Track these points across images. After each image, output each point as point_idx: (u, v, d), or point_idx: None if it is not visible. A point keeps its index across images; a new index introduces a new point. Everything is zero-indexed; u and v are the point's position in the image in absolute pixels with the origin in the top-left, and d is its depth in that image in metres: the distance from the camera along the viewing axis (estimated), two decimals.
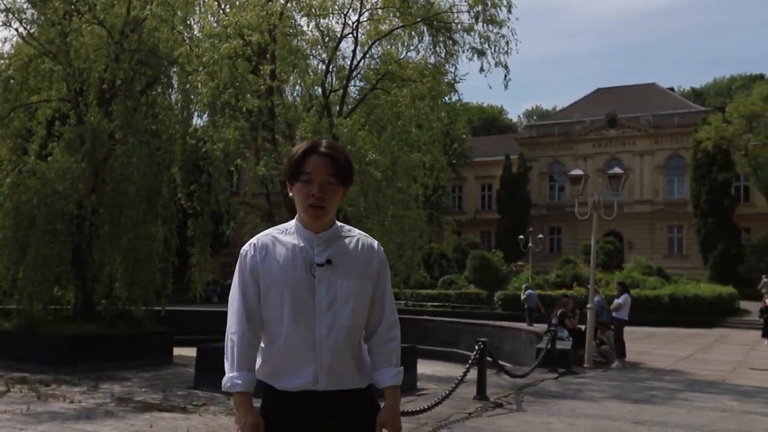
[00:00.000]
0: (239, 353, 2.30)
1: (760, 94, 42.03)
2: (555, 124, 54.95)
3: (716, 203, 42.33)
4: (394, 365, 2.38)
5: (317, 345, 2.24)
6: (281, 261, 2.29)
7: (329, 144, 2.40)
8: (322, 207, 2.29)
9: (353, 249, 2.36)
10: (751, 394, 10.18)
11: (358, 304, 2.30)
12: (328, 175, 2.29)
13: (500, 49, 14.65)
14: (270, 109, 13.97)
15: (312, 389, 2.25)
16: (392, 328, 2.40)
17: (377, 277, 2.37)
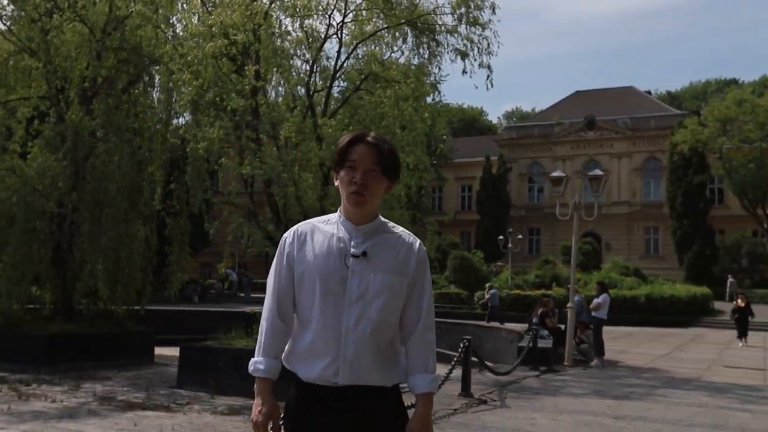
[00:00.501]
0: (266, 339, 2.35)
1: (734, 98, 42.79)
2: (534, 126, 55.47)
3: (691, 205, 43.03)
4: (430, 371, 2.32)
5: (342, 336, 2.22)
6: (317, 249, 2.29)
7: (376, 135, 2.41)
8: (363, 194, 2.28)
9: (392, 244, 2.33)
10: (725, 391, 10.45)
11: (390, 300, 2.26)
12: (372, 163, 2.29)
13: (483, 50, 14.83)
14: (254, 108, 14.01)
15: (332, 383, 2.22)
16: (429, 331, 2.35)
17: (415, 276, 2.32)
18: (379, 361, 2.26)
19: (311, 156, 13.83)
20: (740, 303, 20.24)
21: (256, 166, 13.88)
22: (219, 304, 33.72)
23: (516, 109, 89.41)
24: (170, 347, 18.61)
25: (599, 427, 7.03)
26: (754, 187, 40.92)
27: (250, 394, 9.66)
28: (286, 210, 14.54)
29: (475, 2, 14.90)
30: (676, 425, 7.15)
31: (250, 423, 8.32)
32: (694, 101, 74.69)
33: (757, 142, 39.49)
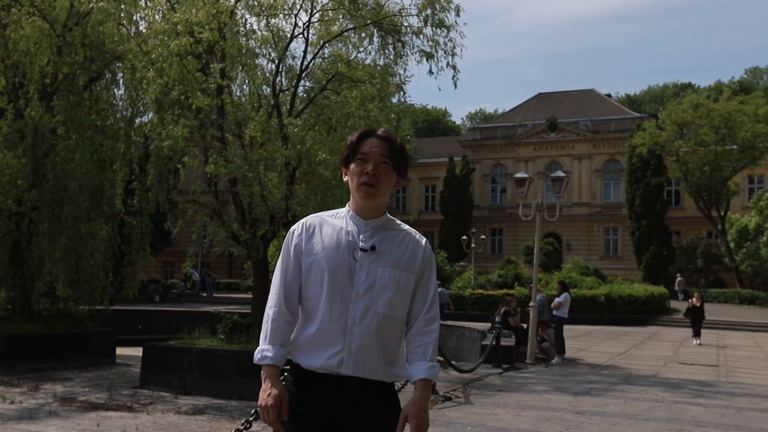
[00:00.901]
0: (273, 328, 2.34)
1: (690, 102, 43.78)
2: (497, 128, 56.05)
3: (649, 206, 43.95)
4: (429, 359, 2.33)
5: (348, 328, 2.25)
6: (326, 241, 2.31)
7: (386, 129, 2.43)
8: (375, 186, 2.30)
9: (400, 241, 2.35)
10: (681, 386, 10.77)
11: (396, 295, 2.29)
12: (383, 155, 2.31)
13: (449, 51, 15.01)
14: (219, 107, 13.96)
15: (336, 372, 2.25)
16: (431, 322, 2.36)
17: (420, 272, 2.35)
18: (383, 355, 2.28)
19: (277, 155, 13.82)
20: (695, 302, 20.34)
21: (221, 165, 13.83)
22: (181, 304, 33.37)
23: (479, 111, 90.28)
24: (132, 347, 18.44)
25: (560, 422, 7.21)
26: (708, 190, 41.93)
27: (215, 393, 9.76)
28: (251, 209, 14.51)
29: (441, 4, 15.07)
30: (633, 419, 7.37)
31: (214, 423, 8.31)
32: (653, 105, 76.36)
33: (712, 145, 40.49)
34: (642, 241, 43.88)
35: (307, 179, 14.79)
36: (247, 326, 14.15)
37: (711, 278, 43.67)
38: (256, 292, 15.03)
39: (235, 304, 33.23)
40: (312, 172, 14.61)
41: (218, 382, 12.65)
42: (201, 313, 22.74)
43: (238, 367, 12.77)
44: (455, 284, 31.90)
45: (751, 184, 47.50)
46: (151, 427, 9.58)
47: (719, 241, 43.13)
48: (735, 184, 43.22)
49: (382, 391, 2.30)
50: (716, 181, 41.53)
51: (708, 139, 40.47)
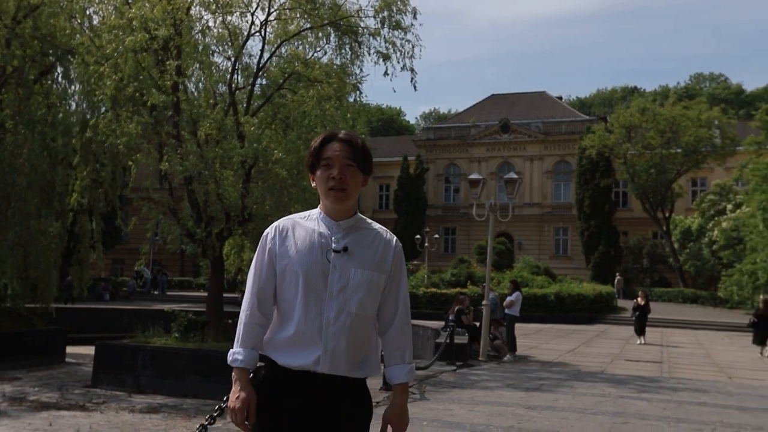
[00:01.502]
0: (245, 331, 2.38)
1: (637, 106, 44.94)
2: (451, 128, 56.60)
3: (598, 207, 45.01)
4: (407, 362, 2.40)
5: (324, 328, 2.29)
6: (299, 244, 2.35)
7: (347, 132, 2.48)
8: (344, 189, 2.35)
9: (371, 241, 2.40)
10: (626, 382, 11.18)
11: (368, 295, 2.34)
12: (347, 158, 2.36)
13: (406, 53, 15.17)
14: (175, 104, 13.85)
15: (312, 370, 2.29)
16: (406, 324, 2.43)
17: (392, 271, 2.41)
18: (357, 353, 2.33)
19: (233, 154, 13.78)
20: (640, 301, 20.51)
21: (177, 163, 13.73)
22: (132, 302, 32.84)
23: (433, 111, 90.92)
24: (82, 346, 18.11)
25: (512, 417, 7.45)
26: (654, 192, 43.14)
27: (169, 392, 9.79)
28: (206, 207, 14.45)
29: (398, 6, 15.22)
30: (581, 413, 7.66)
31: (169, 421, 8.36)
32: (602, 108, 78.11)
33: (658, 148, 41.66)
34: (591, 241, 44.90)
35: (263, 178, 14.78)
36: (202, 324, 14.10)
37: (656, 278, 44.95)
38: (211, 290, 14.96)
39: (187, 302, 32.84)
40: (268, 171, 14.61)
41: (173, 381, 12.57)
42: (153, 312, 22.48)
43: (193, 366, 12.71)
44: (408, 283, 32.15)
45: (695, 187, 49.06)
46: (105, 426, 9.51)
47: (664, 242, 44.41)
48: (679, 186, 44.58)
49: (354, 386, 2.34)
50: (661, 184, 42.75)
51: (654, 142, 41.63)
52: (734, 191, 38.56)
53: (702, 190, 47.07)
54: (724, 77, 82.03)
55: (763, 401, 9.80)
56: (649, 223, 46.01)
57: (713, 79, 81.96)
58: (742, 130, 40.17)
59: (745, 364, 16.07)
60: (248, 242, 15.65)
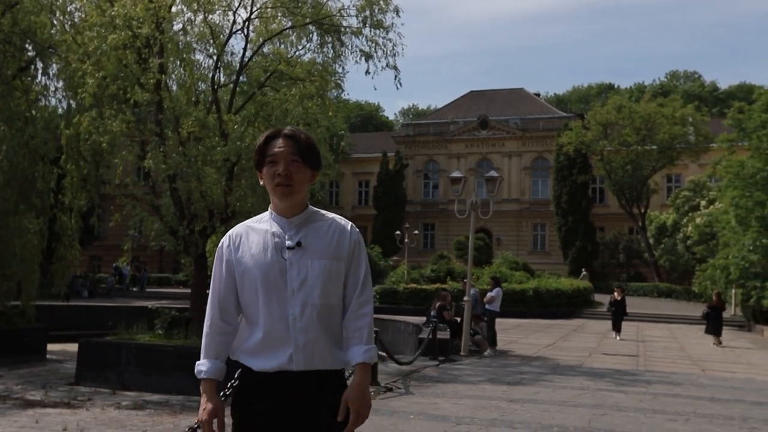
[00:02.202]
0: (207, 342, 2.41)
1: (614, 104, 45.52)
2: (430, 124, 56.89)
3: (575, 203, 45.57)
4: (365, 342, 2.39)
5: (291, 326, 2.29)
6: (253, 247, 2.36)
7: (291, 128, 2.47)
8: (290, 185, 2.35)
9: (325, 231, 2.39)
10: (604, 376, 11.47)
11: (329, 284, 2.33)
12: (291, 154, 2.35)
13: (388, 52, 15.32)
14: (158, 102, 13.89)
15: (288, 369, 2.29)
16: (364, 305, 2.41)
17: (350, 257, 2.40)
18: (329, 343, 2.34)
19: (216, 152, 13.85)
20: (617, 296, 20.37)
21: (160, 161, 13.78)
22: (110, 299, 32.66)
23: (412, 107, 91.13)
24: (62, 343, 18.05)
25: (496, 410, 7.68)
26: (630, 188, 43.79)
27: (154, 388, 9.94)
28: (189, 205, 14.51)
29: (380, 5, 15.36)
30: (562, 406, 7.91)
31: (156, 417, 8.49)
32: (579, 104, 78.88)
33: (634, 145, 42.29)
34: (568, 236, 45.44)
35: (246, 176, 14.87)
36: (186, 321, 14.17)
37: (632, 272, 45.63)
38: (194, 287, 15.02)
39: (167, 299, 32.75)
40: (251, 168, 14.70)
41: (157, 378, 12.62)
42: (134, 309, 22.40)
43: (177, 362, 12.77)
44: (389, 279, 32.36)
45: (669, 183, 49.83)
46: (92, 423, 9.57)
47: (640, 237, 45.07)
48: (654, 182, 45.29)
49: (331, 379, 2.35)
50: (637, 180, 43.38)
51: (630, 139, 42.23)
52: (708, 187, 39.25)
53: (677, 186, 47.82)
54: (698, 75, 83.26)
55: (734, 392, 10.15)
56: (625, 219, 46.65)
57: (688, 77, 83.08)
58: (715, 127, 40.87)
59: (717, 357, 16.50)
60: None
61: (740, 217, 26.01)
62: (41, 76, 16.85)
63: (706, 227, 34.64)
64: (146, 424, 9.66)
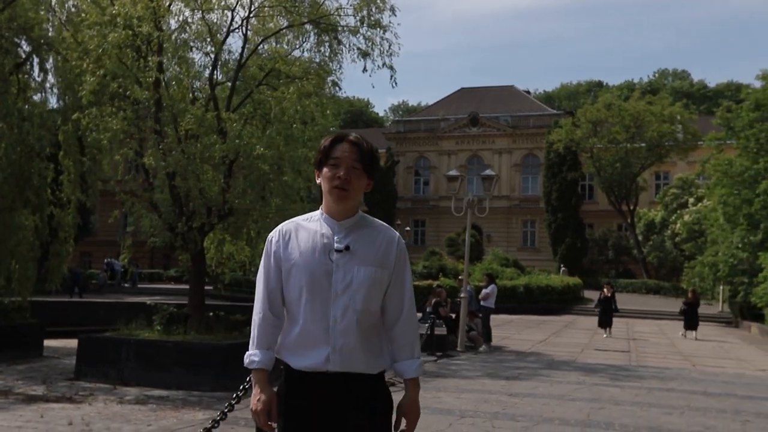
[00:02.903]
0: (259, 332, 2.46)
1: (604, 102, 45.88)
2: (421, 121, 57.09)
3: (565, 200, 45.91)
4: (416, 356, 2.48)
5: (331, 327, 2.34)
6: (302, 246, 2.41)
7: (356, 135, 2.52)
8: (347, 189, 2.40)
9: (374, 238, 2.45)
10: (598, 370, 11.73)
11: (372, 291, 2.40)
12: (353, 160, 2.41)
13: (385, 51, 15.46)
14: (157, 100, 13.98)
15: (324, 370, 2.34)
16: (413, 319, 2.50)
17: (395, 267, 2.45)
18: (366, 349, 2.39)
19: (214, 149, 13.96)
20: (606, 293, 20.15)
21: (159, 158, 13.88)
22: (102, 294, 32.67)
23: (402, 103, 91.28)
24: (57, 339, 18.12)
25: (497, 403, 7.89)
26: (619, 185, 44.19)
27: (154, 384, 10.12)
28: (188, 202, 14.61)
29: (376, 4, 15.50)
30: (560, 399, 8.13)
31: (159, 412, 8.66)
32: (568, 101, 79.29)
33: (623, 143, 42.68)
34: (558, 233, 45.77)
35: (245, 173, 14.99)
36: (185, 317, 14.30)
37: (621, 269, 46.04)
38: (192, 284, 15.13)
39: (159, 295, 32.79)
40: (250, 166, 14.82)
41: (157, 373, 12.75)
42: (128, 305, 22.49)
43: (177, 358, 12.91)
44: None
45: (658, 181, 50.29)
46: (96, 417, 9.70)
47: (628, 234, 45.49)
48: (643, 180, 45.72)
49: (368, 382, 2.40)
50: (626, 177, 43.78)
51: (619, 137, 42.60)
52: (696, 185, 39.69)
53: (665, 183, 48.25)
54: (687, 73, 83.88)
55: (725, 387, 10.43)
56: (614, 216, 47.04)
57: (677, 75, 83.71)
58: (704, 125, 41.26)
59: (706, 353, 16.81)
60: (228, 236, 15.87)
61: (728, 215, 26.38)
62: (38, 72, 16.90)
63: (694, 224, 35.06)
64: (150, 419, 9.80)
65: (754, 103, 26.36)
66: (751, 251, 24.85)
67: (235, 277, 31.86)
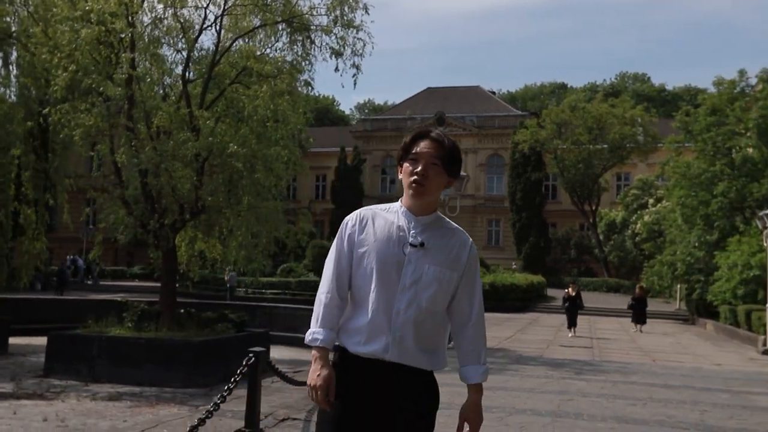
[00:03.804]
0: (324, 312, 2.46)
1: (568, 103, 46.75)
2: (388, 120, 57.41)
3: (529, 200, 46.65)
4: (482, 363, 2.51)
5: (393, 318, 2.37)
6: (378, 234, 2.44)
7: (439, 131, 2.55)
8: (424, 184, 2.42)
9: (448, 239, 2.48)
10: (564, 365, 12.12)
11: (439, 291, 2.42)
12: (433, 156, 2.43)
13: (357, 51, 15.66)
14: (130, 97, 13.97)
15: (381, 358, 2.37)
16: (481, 325, 2.53)
17: (465, 271, 2.48)
18: (424, 345, 2.41)
19: (187, 147, 14.00)
20: (571, 292, 20.03)
21: (132, 155, 13.88)
22: (65, 292, 32.20)
23: (368, 101, 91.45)
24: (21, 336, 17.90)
25: None
26: (582, 185, 45.10)
27: (126, 381, 10.32)
28: (160, 199, 14.63)
29: (349, 4, 15.68)
30: (531, 392, 8.45)
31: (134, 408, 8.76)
32: (532, 102, 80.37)
33: (586, 144, 43.57)
34: (522, 232, 46.48)
35: (217, 171, 15.05)
36: (156, 314, 14.31)
37: (582, 268, 46.98)
38: (164, 281, 15.13)
39: (123, 292, 32.48)
40: (222, 164, 14.89)
41: (129, 370, 12.76)
42: (97, 302, 22.24)
43: (149, 355, 12.94)
44: None
45: (619, 182, 51.39)
46: (71, 414, 9.71)
47: (590, 234, 46.43)
48: (605, 181, 46.73)
49: (421, 377, 2.43)
50: (589, 178, 44.70)
51: (582, 138, 43.46)
52: (656, 186, 40.69)
53: (626, 184, 49.31)
54: (647, 76, 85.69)
55: (684, 380, 10.91)
56: (576, 216, 47.93)
57: (637, 78, 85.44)
58: (663, 128, 42.36)
59: (665, 348, 17.41)
60: (200, 234, 15.90)
61: (686, 216, 27.18)
62: (1, 65, 16.69)
63: (654, 225, 35.96)
64: (125, 414, 9.85)
65: (711, 108, 27.19)
66: (707, 251, 25.67)
67: (203, 275, 31.82)
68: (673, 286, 31.61)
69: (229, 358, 13.96)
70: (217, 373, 13.42)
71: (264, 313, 20.84)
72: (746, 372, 12.89)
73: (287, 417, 6.41)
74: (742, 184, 24.96)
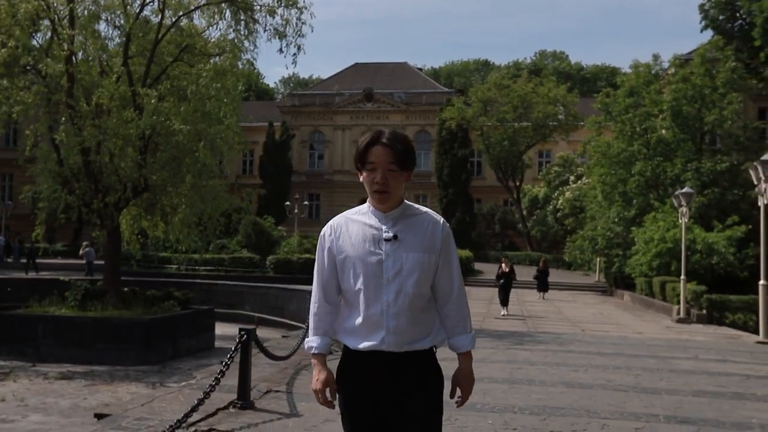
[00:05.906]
0: (315, 320, 2.70)
1: (494, 82, 47.87)
2: (316, 95, 57.23)
3: (456, 176, 47.71)
4: (469, 331, 2.71)
5: (384, 311, 2.54)
6: (353, 238, 2.61)
7: (390, 134, 2.62)
8: (386, 192, 2.58)
9: (419, 225, 2.63)
10: (505, 337, 12.86)
11: (422, 275, 2.59)
12: (389, 163, 2.56)
13: (299, 32, 15.82)
14: (70, 74, 13.72)
15: (380, 349, 2.54)
16: (462, 297, 2.72)
17: (441, 250, 2.64)
18: (418, 328, 2.59)
19: (130, 125, 13.89)
20: (505, 268, 19.14)
21: (74, 133, 13.69)
22: None
23: (293, 76, 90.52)
24: None
25: None
26: (506, 162, 46.46)
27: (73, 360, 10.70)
28: (103, 178, 14.50)
29: None
30: (482, 362, 9.04)
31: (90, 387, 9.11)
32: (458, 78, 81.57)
33: (511, 122, 44.87)
34: (449, 208, 47.55)
35: (161, 149, 15.00)
36: (101, 293, 14.26)
37: (506, 242, 48.57)
38: (108, 260, 15.04)
39: (49, 270, 31.58)
40: (166, 143, 14.86)
41: (76, 350, 12.75)
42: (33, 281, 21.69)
43: (97, 334, 12.96)
44: (282, 249, 32.85)
45: (541, 159, 53.19)
46: (27, 393, 9.76)
47: (514, 209, 48.02)
48: (528, 158, 48.29)
49: (421, 357, 2.60)
50: (513, 155, 46.11)
51: (507, 116, 44.71)
52: (576, 164, 42.41)
53: (548, 161, 51.04)
54: (565, 55, 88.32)
55: (615, 347, 11.84)
56: (501, 192, 49.40)
57: (555, 56, 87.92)
58: (583, 107, 44.09)
59: (590, 319, 18.55)
60: (143, 212, 15.83)
61: (606, 193, 28.63)
62: None
63: (575, 201, 37.58)
64: (83, 393, 9.97)
65: (629, 90, 28.58)
66: (625, 226, 27.21)
67: (146, 253, 31.39)
68: (593, 259, 33.27)
69: (177, 335, 14.14)
70: (166, 350, 13.56)
71: (201, 289, 20.86)
72: (667, 339, 14.03)
73: (270, 389, 6.75)
74: (657, 164, 26.51)
